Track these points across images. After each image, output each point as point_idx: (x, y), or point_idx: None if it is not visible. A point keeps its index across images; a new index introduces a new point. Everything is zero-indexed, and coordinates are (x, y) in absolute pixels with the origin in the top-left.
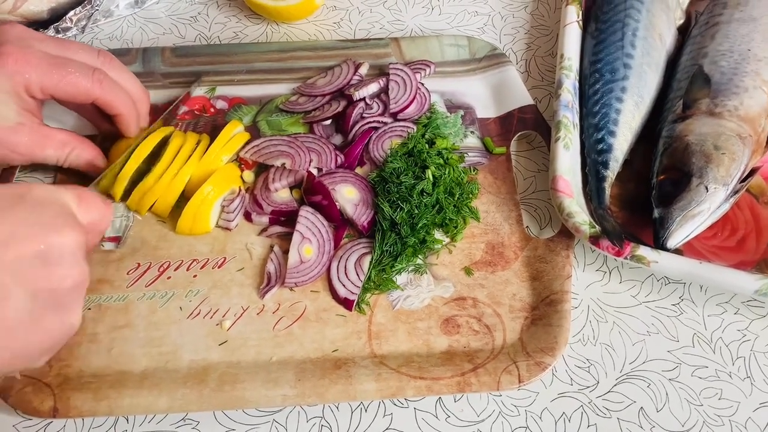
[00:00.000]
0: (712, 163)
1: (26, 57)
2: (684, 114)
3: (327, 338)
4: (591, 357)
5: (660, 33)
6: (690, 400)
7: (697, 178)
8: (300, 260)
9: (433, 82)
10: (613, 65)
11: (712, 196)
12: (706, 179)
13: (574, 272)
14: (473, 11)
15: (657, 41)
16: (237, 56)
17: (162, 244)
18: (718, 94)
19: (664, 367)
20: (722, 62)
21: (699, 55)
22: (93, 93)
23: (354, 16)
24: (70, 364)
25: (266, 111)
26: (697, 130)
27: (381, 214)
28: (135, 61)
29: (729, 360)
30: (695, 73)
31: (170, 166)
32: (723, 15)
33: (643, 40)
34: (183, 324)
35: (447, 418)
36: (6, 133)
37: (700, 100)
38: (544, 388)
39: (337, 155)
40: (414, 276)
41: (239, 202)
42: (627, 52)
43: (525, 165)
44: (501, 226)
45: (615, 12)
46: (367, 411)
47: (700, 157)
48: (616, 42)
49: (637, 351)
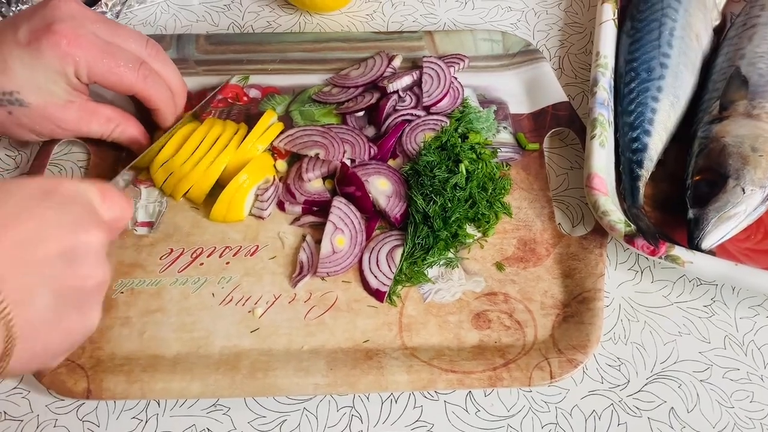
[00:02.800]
0: (750, 165)
1: (78, 40)
2: (720, 115)
3: (358, 328)
4: (622, 356)
5: (697, 33)
6: (721, 401)
7: (734, 179)
8: (332, 250)
9: (466, 76)
10: (649, 64)
11: (749, 198)
12: (743, 181)
13: (606, 271)
14: (506, 6)
15: (694, 41)
16: (270, 45)
17: (195, 231)
18: (756, 96)
19: (696, 368)
20: (760, 64)
21: (736, 57)
22: (136, 87)
23: (387, 8)
24: (102, 346)
25: (299, 101)
26: (734, 132)
27: (414, 207)
28: (169, 47)
29: (761, 363)
30: (732, 74)
31: (207, 153)
32: (761, 17)
33: (680, 40)
34: (215, 310)
35: (477, 412)
36: (55, 109)
37: (738, 102)
38: (575, 386)
39: (371, 147)
40: (445, 270)
41: (273, 191)
42: (664, 51)
43: (558, 162)
44: (533, 222)
45: (652, 11)
46: (398, 402)
47: (737, 158)
48: (653, 41)
49: (668, 351)
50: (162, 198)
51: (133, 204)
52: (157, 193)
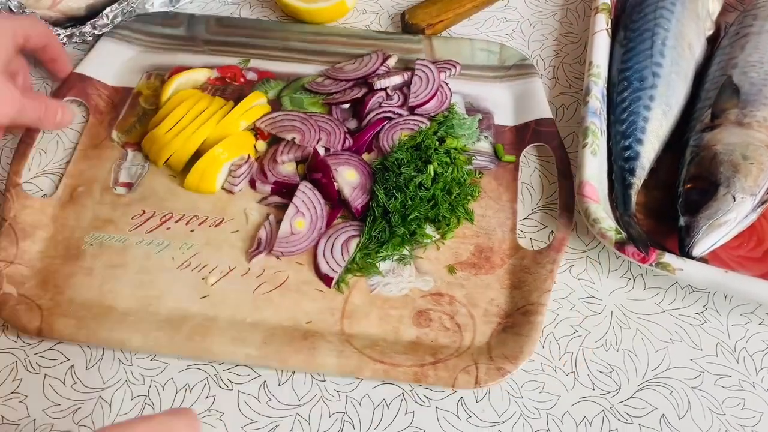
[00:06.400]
0: (740, 173)
1: None
2: (712, 124)
3: (302, 309)
4: (613, 362)
5: (689, 43)
6: (713, 408)
7: (725, 187)
8: (291, 231)
9: (458, 83)
10: (641, 73)
11: (739, 206)
12: (734, 189)
13: (598, 278)
14: (502, 17)
15: (686, 51)
16: (275, 33)
17: (169, 197)
18: (747, 104)
19: (687, 375)
20: (752, 73)
21: (728, 66)
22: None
23: (384, 19)
24: (63, 291)
25: (292, 88)
26: (725, 140)
27: (375, 201)
28: (181, 25)
29: (753, 370)
30: (724, 83)
31: (191, 124)
32: (753, 26)
33: (672, 50)
34: (172, 273)
35: (468, 418)
36: None
37: (729, 110)
38: (566, 392)
39: (346, 138)
40: (397, 265)
41: (246, 169)
42: (656, 60)
43: (553, 171)
44: (494, 231)
45: (644, 21)
46: (389, 408)
47: (728, 166)
48: (645, 51)
49: (660, 358)
50: (145, 162)
51: None
52: (141, 157)
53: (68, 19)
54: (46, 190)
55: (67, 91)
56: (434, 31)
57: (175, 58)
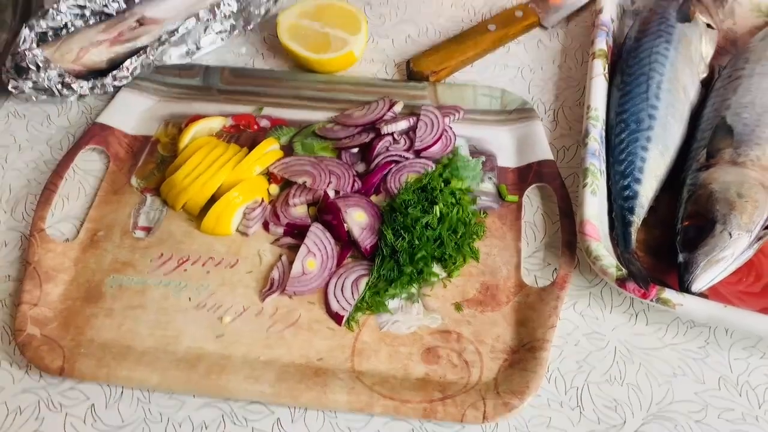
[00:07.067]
0: (736, 210)
1: None
2: (708, 163)
3: (314, 347)
4: (618, 397)
5: (684, 86)
6: None
7: (721, 224)
8: (302, 271)
9: (462, 127)
10: (638, 116)
11: (736, 242)
12: (730, 226)
13: (601, 314)
14: (503, 64)
15: (681, 94)
16: (287, 82)
17: (186, 240)
18: (741, 144)
19: (691, 408)
20: (744, 114)
21: (722, 107)
22: None
23: (390, 68)
24: (84, 332)
25: (303, 134)
26: (720, 179)
27: (383, 241)
28: (197, 76)
29: (756, 403)
30: (718, 124)
31: (207, 170)
32: (745, 69)
33: (668, 93)
34: (189, 313)
35: None
36: None
37: (723, 150)
38: (572, 426)
39: (356, 181)
40: (406, 303)
41: (260, 212)
42: (652, 103)
43: (555, 210)
44: (499, 269)
45: (640, 65)
46: None
47: (724, 204)
48: (642, 94)
49: (664, 392)
50: (163, 207)
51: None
52: (160, 201)
53: (90, 72)
54: (68, 234)
55: (88, 140)
56: (438, 78)
57: (192, 107)
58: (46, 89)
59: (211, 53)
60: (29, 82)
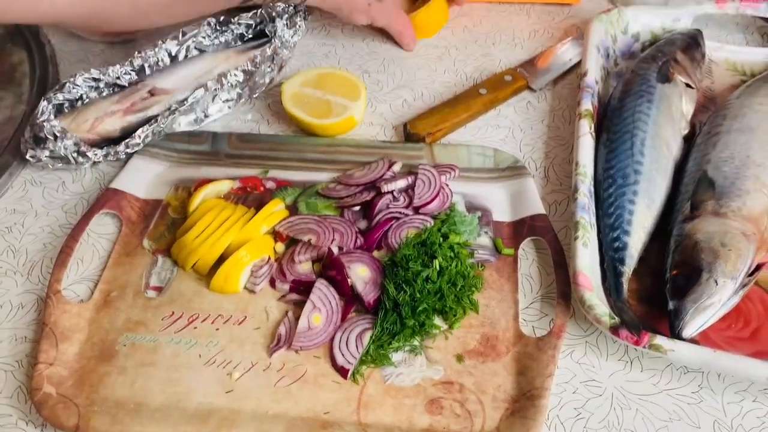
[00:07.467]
0: (720, 259)
1: None
2: (692, 215)
3: (320, 401)
4: None
5: (666, 142)
6: None
7: (707, 272)
8: (308, 326)
9: (458, 184)
10: (624, 171)
11: (722, 289)
12: (716, 273)
13: (597, 361)
14: (495, 124)
15: (664, 149)
16: (291, 146)
17: (195, 298)
18: (722, 196)
19: None
20: (724, 168)
21: (703, 162)
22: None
23: (388, 130)
24: (98, 390)
25: (307, 194)
26: (704, 229)
27: (386, 294)
28: (205, 142)
29: None
30: (700, 177)
31: (216, 231)
32: (723, 125)
33: (651, 149)
34: (199, 370)
35: None
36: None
37: (706, 202)
38: None
39: (358, 237)
40: (409, 355)
41: (267, 269)
42: (637, 159)
43: (549, 262)
44: (498, 320)
45: (624, 124)
46: None
47: (709, 253)
48: (627, 150)
49: None
50: (174, 267)
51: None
52: (171, 262)
53: (104, 141)
54: (82, 295)
55: (102, 205)
56: (434, 139)
57: (201, 171)
58: (62, 157)
59: (218, 120)
60: (46, 151)
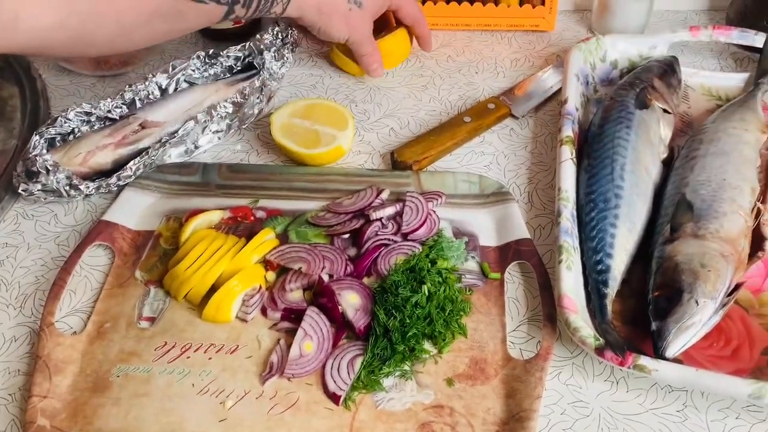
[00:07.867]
0: (700, 280)
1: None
2: (672, 237)
3: (313, 427)
4: None
5: (646, 166)
6: None
7: (688, 293)
8: (300, 354)
9: (445, 210)
10: (605, 195)
11: (703, 309)
12: (696, 294)
13: (584, 382)
14: (480, 151)
15: (644, 174)
16: (280, 175)
17: (188, 328)
18: (700, 218)
19: None
20: (702, 191)
21: (681, 185)
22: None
23: (375, 158)
24: (92, 422)
25: (297, 223)
26: (684, 251)
27: (376, 321)
28: (196, 173)
29: None
30: (679, 200)
31: (207, 261)
32: (700, 149)
33: (631, 174)
34: (192, 399)
35: None
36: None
37: (685, 225)
38: None
39: (348, 265)
40: (400, 380)
41: (258, 298)
42: (617, 184)
43: (535, 285)
44: (486, 344)
45: (604, 150)
46: None
47: (689, 274)
48: (607, 175)
49: None
50: (166, 298)
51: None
52: (163, 293)
53: (96, 173)
54: (75, 327)
55: (94, 237)
56: (420, 166)
57: (192, 202)
58: (55, 191)
59: (208, 151)
60: (38, 185)
